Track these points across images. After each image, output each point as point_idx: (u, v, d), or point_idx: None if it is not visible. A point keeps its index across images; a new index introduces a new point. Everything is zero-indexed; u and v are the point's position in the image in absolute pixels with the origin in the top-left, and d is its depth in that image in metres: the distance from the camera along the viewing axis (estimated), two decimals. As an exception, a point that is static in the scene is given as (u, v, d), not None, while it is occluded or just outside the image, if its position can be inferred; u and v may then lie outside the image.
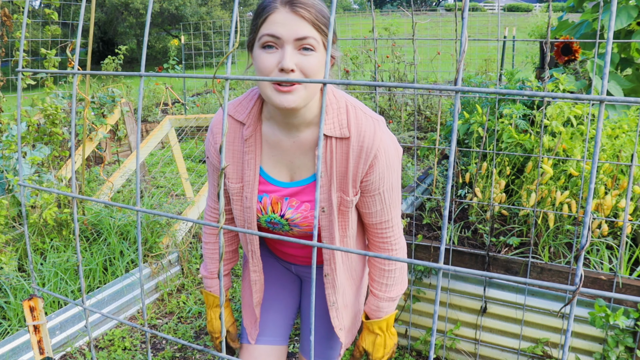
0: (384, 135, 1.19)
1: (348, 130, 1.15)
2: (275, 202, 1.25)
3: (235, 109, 1.23)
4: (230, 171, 1.25)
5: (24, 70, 0.57)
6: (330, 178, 1.19)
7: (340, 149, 1.17)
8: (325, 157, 1.17)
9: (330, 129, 1.15)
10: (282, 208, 1.25)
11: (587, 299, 1.89)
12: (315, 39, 1.05)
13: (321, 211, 1.23)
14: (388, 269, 1.33)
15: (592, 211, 2.06)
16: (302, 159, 1.22)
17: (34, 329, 0.79)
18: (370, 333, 1.38)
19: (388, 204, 1.26)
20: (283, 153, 1.22)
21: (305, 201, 1.24)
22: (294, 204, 1.24)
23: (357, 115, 1.17)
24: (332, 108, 1.17)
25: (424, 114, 6.71)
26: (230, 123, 1.24)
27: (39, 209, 2.85)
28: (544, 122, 2.08)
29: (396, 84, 0.40)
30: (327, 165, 1.18)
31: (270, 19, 1.05)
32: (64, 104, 3.09)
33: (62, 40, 3.22)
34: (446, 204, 0.43)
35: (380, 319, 1.36)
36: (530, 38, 10.63)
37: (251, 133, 1.21)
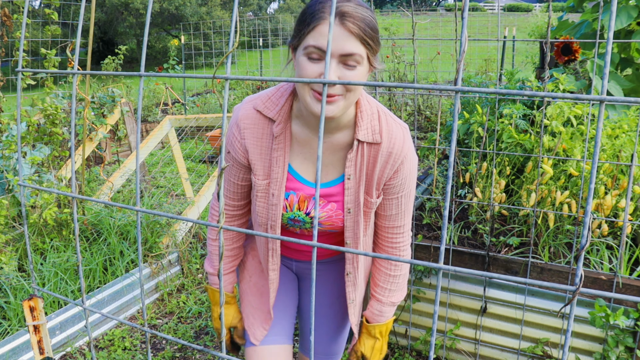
0: (410, 143, 1.24)
1: (380, 136, 1.18)
2: (303, 200, 1.26)
3: (265, 104, 1.21)
4: (258, 167, 1.24)
5: (24, 70, 0.57)
6: (359, 181, 1.22)
7: (369, 153, 1.20)
8: (356, 160, 1.20)
9: (364, 134, 1.18)
10: (309, 206, 1.27)
11: (587, 299, 1.89)
12: (360, 55, 1.05)
13: (347, 212, 1.26)
14: (394, 274, 1.36)
15: (592, 211, 2.06)
16: (331, 159, 1.24)
17: (34, 329, 0.79)
18: (370, 337, 1.40)
19: (403, 210, 1.30)
20: (313, 152, 1.24)
21: (332, 201, 1.26)
22: (320, 202, 1.26)
23: (387, 122, 1.20)
24: (366, 114, 1.19)
25: (424, 114, 6.71)
26: (259, 119, 1.22)
27: (39, 209, 2.85)
28: (544, 122, 2.08)
29: (396, 84, 0.40)
30: (356, 168, 1.21)
31: (318, 30, 1.03)
32: (64, 104, 3.09)
33: (62, 40, 3.22)
34: (446, 204, 0.43)
35: (381, 323, 1.39)
36: (530, 38, 10.63)
37: (281, 130, 1.20)
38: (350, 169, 1.21)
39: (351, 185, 1.23)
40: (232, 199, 1.34)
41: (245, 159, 1.25)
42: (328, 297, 1.51)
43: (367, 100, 1.21)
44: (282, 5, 31.37)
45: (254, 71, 12.02)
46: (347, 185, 1.23)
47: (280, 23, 19.93)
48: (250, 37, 15.51)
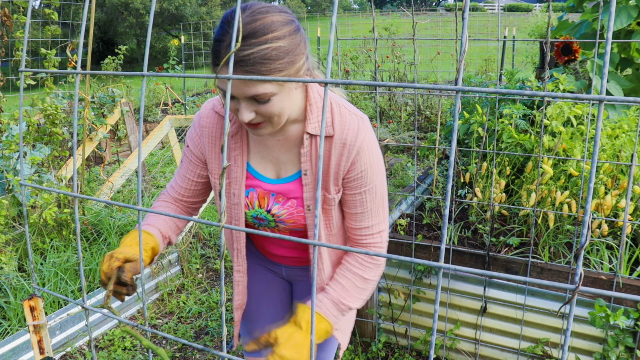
0: (368, 133, 1.17)
1: (332, 128, 1.15)
2: (262, 197, 1.24)
3: (221, 104, 1.22)
4: (216, 167, 1.23)
5: (25, 70, 0.57)
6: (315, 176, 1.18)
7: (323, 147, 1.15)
8: (310, 155, 1.17)
9: (315, 127, 1.15)
10: (269, 203, 1.24)
11: (587, 298, 1.89)
12: (267, 92, 0.99)
13: (307, 209, 1.21)
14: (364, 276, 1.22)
15: (592, 211, 2.06)
16: (288, 156, 1.22)
17: (34, 329, 0.79)
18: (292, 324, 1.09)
19: (369, 208, 1.20)
20: (268, 150, 1.22)
21: (291, 198, 1.23)
22: (280, 199, 1.23)
23: (341, 112, 1.16)
24: (317, 107, 1.16)
25: (424, 114, 6.71)
26: (216, 119, 1.22)
27: (39, 209, 2.85)
28: (544, 122, 2.09)
29: (396, 84, 0.40)
30: (311, 163, 1.18)
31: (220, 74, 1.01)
32: (64, 104, 3.09)
33: (62, 40, 3.23)
34: (446, 204, 0.43)
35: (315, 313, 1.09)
36: (530, 38, 10.63)
37: (237, 129, 1.20)
38: (306, 164, 1.18)
39: (309, 181, 1.19)
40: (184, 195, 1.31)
41: (203, 155, 1.25)
42: None
43: (318, 92, 1.18)
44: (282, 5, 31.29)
45: None
46: (304, 181, 1.20)
47: (280, 23, 19.88)
48: (250, 37, 15.47)
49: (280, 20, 1.00)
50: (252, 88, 0.98)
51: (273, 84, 0.99)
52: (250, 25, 0.97)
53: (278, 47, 0.97)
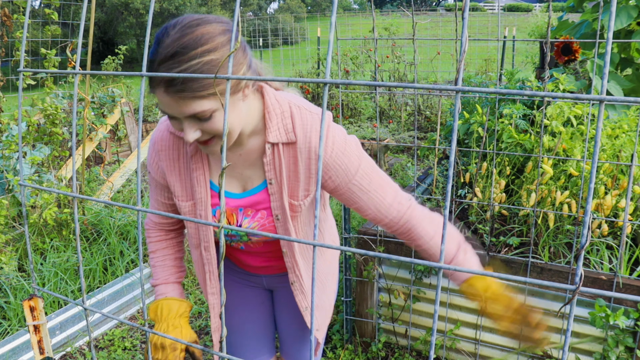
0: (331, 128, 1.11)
1: (294, 134, 1.09)
2: (230, 214, 1.20)
3: None
4: (178, 189, 1.18)
5: (24, 70, 0.57)
6: (281, 185, 1.14)
7: (288, 154, 1.12)
8: (274, 164, 1.12)
9: (276, 135, 1.09)
10: (238, 219, 1.20)
11: (587, 299, 1.89)
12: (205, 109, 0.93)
13: (276, 219, 1.18)
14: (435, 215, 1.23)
15: (592, 211, 2.06)
16: (252, 169, 1.17)
17: (34, 329, 0.79)
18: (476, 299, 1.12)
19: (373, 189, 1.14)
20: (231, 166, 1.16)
21: (260, 209, 1.19)
22: (249, 213, 1.19)
23: (302, 115, 1.11)
24: (275, 114, 1.10)
25: (424, 114, 6.72)
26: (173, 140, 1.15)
27: (39, 209, 2.85)
28: (544, 122, 2.08)
29: (396, 84, 0.40)
30: (276, 172, 1.13)
31: (157, 98, 0.95)
32: (64, 104, 3.09)
33: (62, 40, 3.22)
34: (446, 204, 0.43)
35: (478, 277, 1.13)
36: (530, 38, 10.63)
37: (195, 149, 1.13)
38: (271, 172, 1.13)
39: (275, 190, 1.15)
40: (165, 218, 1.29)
41: (165, 180, 1.20)
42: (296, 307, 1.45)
43: (275, 98, 1.11)
44: (282, 5, 31.35)
45: None
46: (270, 191, 1.15)
47: (280, 23, 19.93)
48: (250, 37, 15.51)
49: (212, 32, 0.93)
50: (189, 107, 0.93)
51: (211, 100, 0.93)
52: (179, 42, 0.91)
53: (209, 61, 0.91)
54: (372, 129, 5.94)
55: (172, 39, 0.91)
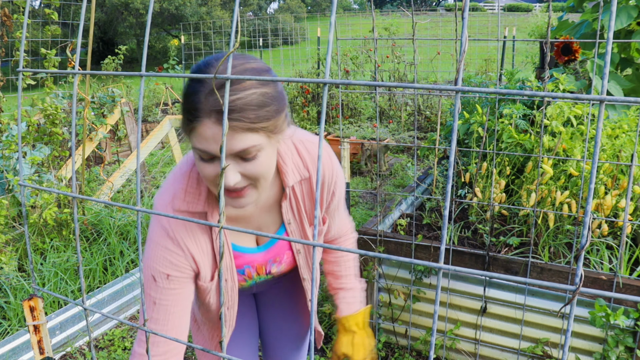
0: (335, 158, 1.17)
1: (307, 170, 1.11)
2: (260, 267, 1.20)
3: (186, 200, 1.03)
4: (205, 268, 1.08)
5: (24, 70, 0.57)
6: (301, 221, 1.16)
7: (302, 190, 1.13)
8: (291, 205, 1.13)
9: (292, 177, 1.09)
10: (267, 269, 1.21)
11: (587, 299, 1.89)
12: (256, 146, 0.88)
13: (297, 253, 1.21)
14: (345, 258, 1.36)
15: (592, 211, 2.06)
16: (268, 217, 1.15)
17: (34, 329, 0.79)
18: (346, 333, 1.31)
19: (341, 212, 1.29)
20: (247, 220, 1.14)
21: (286, 250, 1.21)
22: (277, 259, 1.21)
23: (308, 149, 1.12)
24: (287, 155, 1.08)
25: (424, 114, 6.72)
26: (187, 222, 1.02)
27: (39, 209, 2.85)
28: (544, 122, 2.08)
29: (396, 84, 0.40)
30: (294, 212, 1.14)
31: (199, 133, 0.86)
32: (64, 104, 3.09)
33: (62, 40, 3.22)
34: (446, 204, 0.43)
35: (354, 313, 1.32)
36: (530, 38, 10.63)
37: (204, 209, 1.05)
38: (288, 214, 1.13)
39: (294, 228, 1.16)
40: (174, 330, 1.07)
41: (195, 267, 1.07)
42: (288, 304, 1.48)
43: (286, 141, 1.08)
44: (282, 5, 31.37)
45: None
46: (289, 230, 1.15)
47: (280, 23, 19.94)
48: (250, 37, 15.51)
49: (262, 67, 0.91)
50: (240, 141, 0.86)
51: (261, 135, 0.88)
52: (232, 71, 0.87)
53: (265, 93, 0.87)
54: (372, 129, 5.94)
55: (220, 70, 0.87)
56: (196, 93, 0.86)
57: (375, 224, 2.30)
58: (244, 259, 1.16)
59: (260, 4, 27.14)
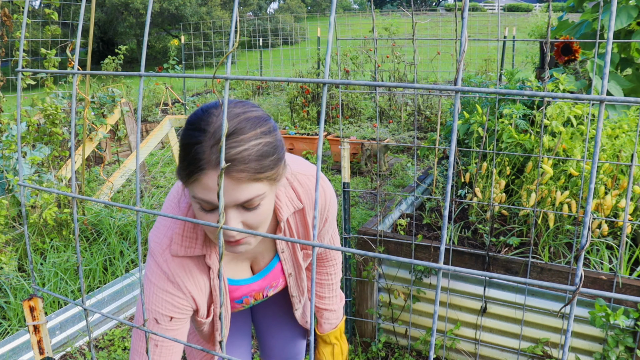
0: (327, 185, 1.18)
1: (300, 201, 1.12)
2: (258, 294, 1.24)
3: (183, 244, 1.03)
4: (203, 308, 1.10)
5: (24, 70, 0.57)
6: (294, 250, 1.21)
7: (295, 220, 1.15)
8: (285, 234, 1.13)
9: (286, 210, 1.10)
10: (264, 294, 1.26)
11: (587, 299, 1.89)
12: (260, 195, 0.89)
13: (288, 276, 1.25)
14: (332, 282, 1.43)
15: (592, 211, 2.06)
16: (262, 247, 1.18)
17: (34, 329, 0.79)
18: (327, 345, 1.45)
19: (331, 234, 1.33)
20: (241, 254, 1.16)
21: (281, 276, 1.25)
22: (273, 285, 1.26)
23: (301, 182, 1.12)
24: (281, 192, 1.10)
25: (424, 114, 6.72)
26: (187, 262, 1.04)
27: (39, 209, 2.85)
28: (544, 122, 2.08)
29: (396, 84, 0.40)
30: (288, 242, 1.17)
31: (202, 183, 0.85)
32: (64, 104, 3.09)
33: (62, 40, 3.22)
34: (446, 204, 0.43)
35: (336, 328, 1.45)
36: (530, 38, 10.63)
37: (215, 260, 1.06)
38: (282, 244, 1.18)
39: (287, 256, 1.21)
40: None
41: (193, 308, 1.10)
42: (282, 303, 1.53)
43: None
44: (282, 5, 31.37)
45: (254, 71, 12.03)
46: (282, 258, 1.20)
47: (280, 23, 19.93)
48: (250, 37, 15.52)
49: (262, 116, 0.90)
50: (245, 191, 0.86)
51: (264, 184, 0.88)
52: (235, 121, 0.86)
53: (268, 143, 0.88)
54: (372, 129, 5.94)
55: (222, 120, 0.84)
56: (199, 143, 0.84)
57: (375, 224, 2.30)
58: (242, 290, 1.20)
59: (260, 3, 27.15)
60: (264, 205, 0.91)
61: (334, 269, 1.44)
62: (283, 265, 1.22)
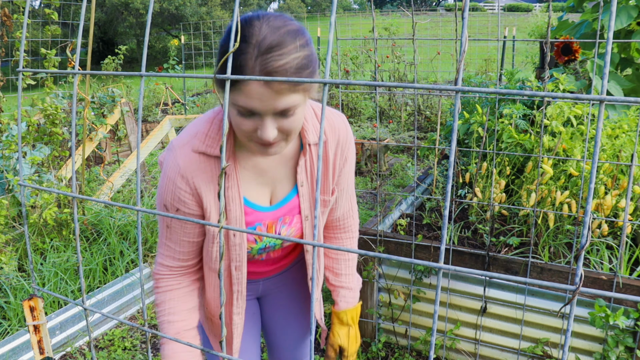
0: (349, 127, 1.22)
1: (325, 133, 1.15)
2: (270, 227, 1.19)
3: (205, 143, 1.07)
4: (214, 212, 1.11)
5: (24, 70, 0.57)
6: (312, 184, 1.19)
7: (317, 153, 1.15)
8: (306, 166, 1.16)
9: (312, 136, 1.14)
10: (277, 229, 1.20)
11: (587, 299, 1.89)
12: (296, 103, 0.95)
13: (305, 219, 1.21)
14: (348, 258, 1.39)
15: (592, 211, 2.06)
16: (283, 171, 1.17)
17: (34, 329, 0.79)
18: (343, 326, 1.37)
19: (350, 194, 1.30)
20: (263, 172, 1.16)
21: (296, 213, 1.21)
22: (287, 220, 1.21)
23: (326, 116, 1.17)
24: (309, 115, 1.15)
25: (424, 114, 6.72)
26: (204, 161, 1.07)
27: (39, 209, 2.85)
28: (544, 122, 2.08)
29: (396, 84, 0.40)
30: (307, 174, 1.17)
31: (244, 92, 0.91)
32: (64, 104, 3.09)
33: (62, 40, 3.22)
34: (446, 204, 0.43)
35: (351, 307, 1.37)
36: (530, 38, 10.63)
37: (231, 166, 1.10)
38: (302, 174, 1.16)
39: (305, 192, 1.19)
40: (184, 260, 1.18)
41: (201, 209, 1.12)
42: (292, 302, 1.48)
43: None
44: (282, 5, 31.37)
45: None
46: (301, 192, 1.18)
47: (280, 23, 19.91)
48: (250, 37, 15.47)
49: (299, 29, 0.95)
50: (284, 99, 0.92)
51: (299, 94, 0.94)
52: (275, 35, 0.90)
53: (306, 56, 0.93)
54: (372, 129, 5.94)
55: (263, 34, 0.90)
56: (244, 53, 0.90)
57: (375, 224, 2.30)
58: (256, 216, 1.17)
59: (260, 3, 27.15)
60: (298, 114, 0.98)
61: (350, 241, 1.40)
62: (301, 201, 1.19)
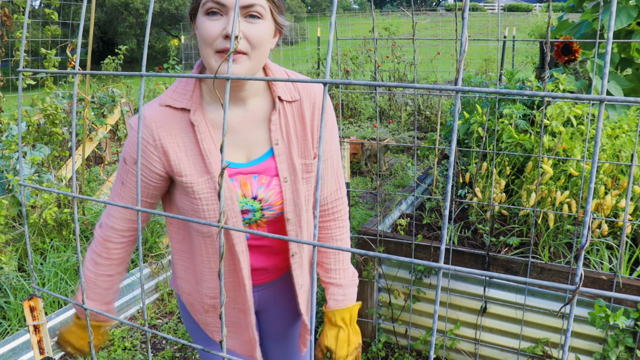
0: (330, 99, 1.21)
1: (297, 92, 1.15)
2: (244, 184, 1.13)
3: (172, 97, 1.09)
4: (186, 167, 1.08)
5: (24, 70, 0.57)
6: (289, 144, 1.13)
7: (293, 112, 1.14)
8: (280, 123, 1.13)
9: (283, 92, 1.13)
10: (253, 189, 1.13)
11: (587, 299, 1.89)
12: (262, 7, 1.01)
13: (284, 181, 1.14)
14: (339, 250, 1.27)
15: (592, 211, 2.06)
16: (257, 133, 1.14)
17: (34, 329, 0.79)
18: (332, 327, 1.27)
19: (336, 169, 1.25)
20: (235, 133, 1.13)
21: (274, 175, 1.14)
22: (263, 181, 1.13)
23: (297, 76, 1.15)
24: (278, 73, 1.16)
25: (424, 114, 6.72)
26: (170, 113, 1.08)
27: (39, 209, 2.85)
28: (544, 122, 2.08)
29: (396, 84, 0.40)
30: (282, 132, 1.13)
31: None
32: (64, 104, 3.09)
33: (62, 40, 3.23)
34: (446, 204, 0.43)
35: (342, 308, 1.27)
36: (530, 38, 10.63)
37: (201, 118, 1.08)
38: (276, 132, 1.12)
39: (282, 151, 1.13)
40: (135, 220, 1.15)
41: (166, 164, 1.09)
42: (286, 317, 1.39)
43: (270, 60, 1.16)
44: (282, 5, 31.30)
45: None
46: (276, 152, 1.12)
47: (280, 23, 19.91)
48: (250, 37, 15.48)
49: None
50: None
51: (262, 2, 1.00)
52: None
53: None
54: (372, 129, 5.94)
55: None
56: None
57: (375, 224, 2.30)
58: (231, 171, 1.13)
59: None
60: (263, 25, 1.01)
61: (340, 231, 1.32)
62: (277, 162, 1.13)
